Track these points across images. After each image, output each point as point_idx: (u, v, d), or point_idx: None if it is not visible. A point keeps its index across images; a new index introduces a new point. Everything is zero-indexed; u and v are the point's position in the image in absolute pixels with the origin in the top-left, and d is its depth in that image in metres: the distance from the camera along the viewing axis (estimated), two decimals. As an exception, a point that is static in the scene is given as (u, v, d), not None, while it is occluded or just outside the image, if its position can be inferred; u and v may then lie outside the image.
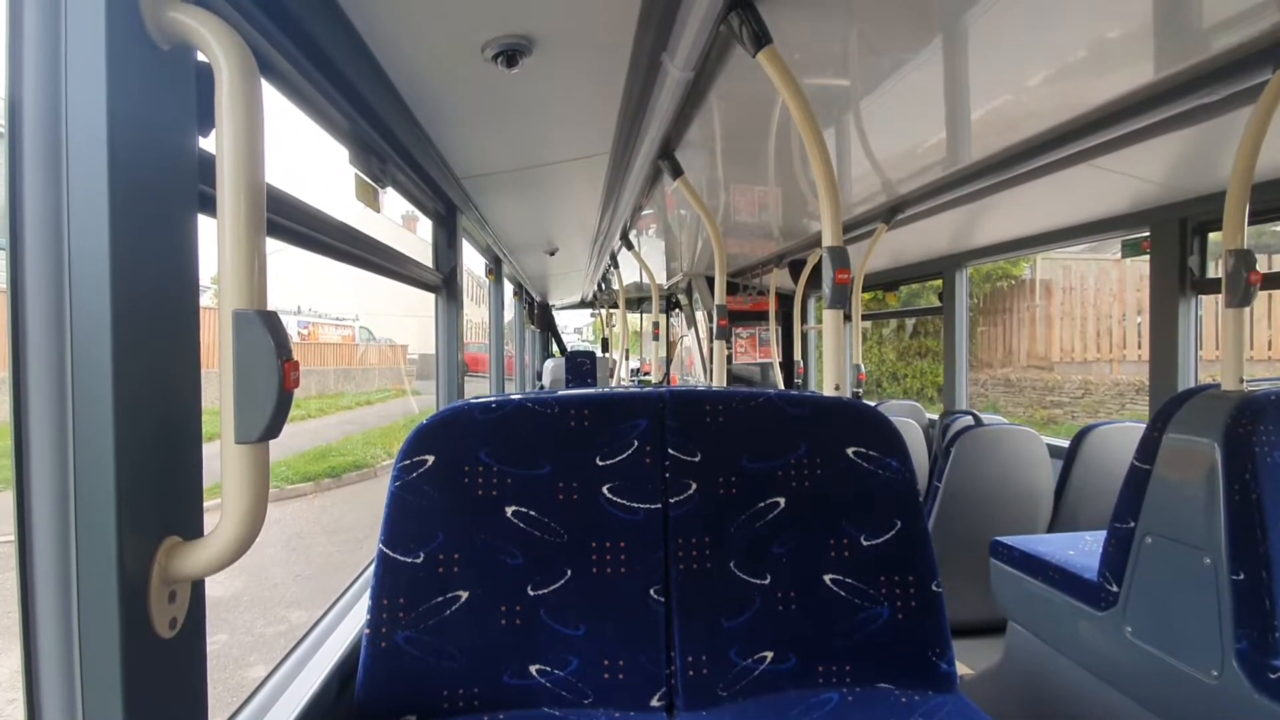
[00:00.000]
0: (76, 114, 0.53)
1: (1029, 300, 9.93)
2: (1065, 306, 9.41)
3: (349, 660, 1.07)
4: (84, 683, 0.54)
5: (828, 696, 0.99)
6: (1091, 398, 8.73)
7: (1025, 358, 10.00)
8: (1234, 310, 1.40)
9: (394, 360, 18.36)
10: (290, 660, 1.07)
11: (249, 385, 0.57)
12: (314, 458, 8.77)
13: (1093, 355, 9.04)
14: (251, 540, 0.59)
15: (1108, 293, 9.02)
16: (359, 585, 1.38)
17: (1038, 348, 9.81)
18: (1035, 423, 8.70)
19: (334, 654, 1.08)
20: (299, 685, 0.99)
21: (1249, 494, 1.27)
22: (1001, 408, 9.74)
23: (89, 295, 0.53)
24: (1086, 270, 9.19)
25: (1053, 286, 9.64)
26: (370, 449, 9.43)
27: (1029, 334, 9.97)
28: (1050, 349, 9.59)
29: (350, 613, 1.26)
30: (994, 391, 10.07)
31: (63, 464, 0.53)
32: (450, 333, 2.22)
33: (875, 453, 1.08)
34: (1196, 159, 1.95)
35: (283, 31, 0.91)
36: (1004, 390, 9.94)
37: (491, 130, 1.76)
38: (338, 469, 8.37)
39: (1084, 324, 9.15)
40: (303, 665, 1.05)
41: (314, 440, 9.74)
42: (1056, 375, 9.33)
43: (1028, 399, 9.57)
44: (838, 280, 1.19)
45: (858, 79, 1.51)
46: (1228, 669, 1.26)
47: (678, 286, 5.84)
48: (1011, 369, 10.05)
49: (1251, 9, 1.17)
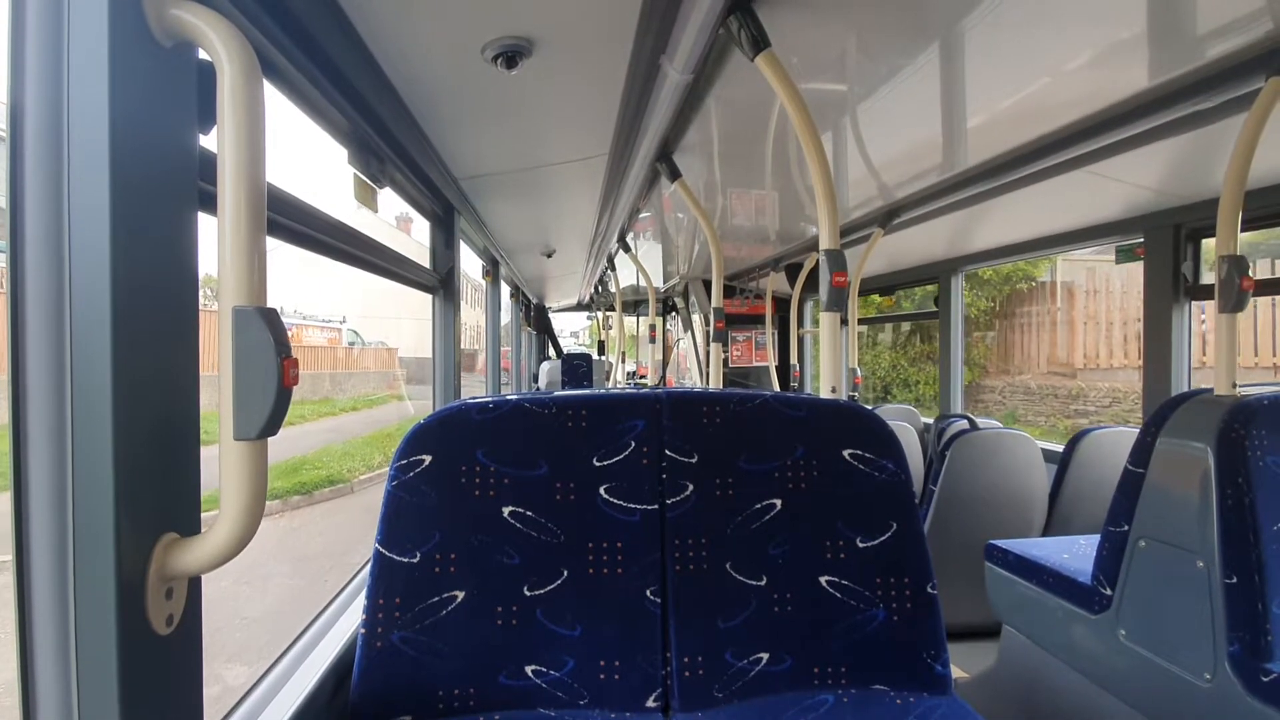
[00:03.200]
0: (78, 110, 0.53)
1: (1049, 303, 9.38)
2: (1089, 310, 8.91)
3: (344, 660, 1.07)
4: (80, 678, 0.53)
5: (823, 698, 1.00)
6: (1121, 406, 8.17)
7: (1045, 364, 9.36)
8: (1227, 315, 1.41)
9: (384, 364, 17.75)
10: (285, 660, 1.07)
11: (248, 382, 0.57)
12: (285, 471, 8.06)
13: (1119, 361, 8.43)
14: (249, 537, 0.59)
15: (1135, 295, 8.35)
16: (355, 585, 1.38)
17: (1059, 353, 9.21)
18: (1060, 433, 8.34)
19: (329, 654, 1.07)
20: (293, 685, 0.98)
21: (1242, 498, 1.28)
22: (1021, 416, 9.30)
23: (89, 290, 0.53)
24: (1112, 272, 8.67)
25: (1075, 289, 9.07)
26: (348, 462, 8.74)
27: (1050, 339, 9.37)
28: (1073, 354, 8.99)
29: (346, 612, 1.26)
30: (1013, 399, 9.54)
31: (61, 459, 0.53)
32: (447, 333, 2.22)
33: (871, 455, 1.09)
34: (1190, 165, 1.97)
35: (284, 30, 0.91)
36: (1024, 398, 9.39)
37: (490, 131, 1.76)
38: (309, 485, 7.72)
39: (1109, 329, 8.56)
40: (297, 665, 1.05)
41: (290, 450, 9.01)
42: (1080, 383, 8.71)
43: (1050, 407, 8.99)
44: (834, 283, 1.19)
45: (855, 84, 1.52)
46: (1221, 672, 1.26)
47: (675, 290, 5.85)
48: (1031, 375, 9.47)
49: (1245, 17, 1.18)
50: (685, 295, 5.48)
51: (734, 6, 1.10)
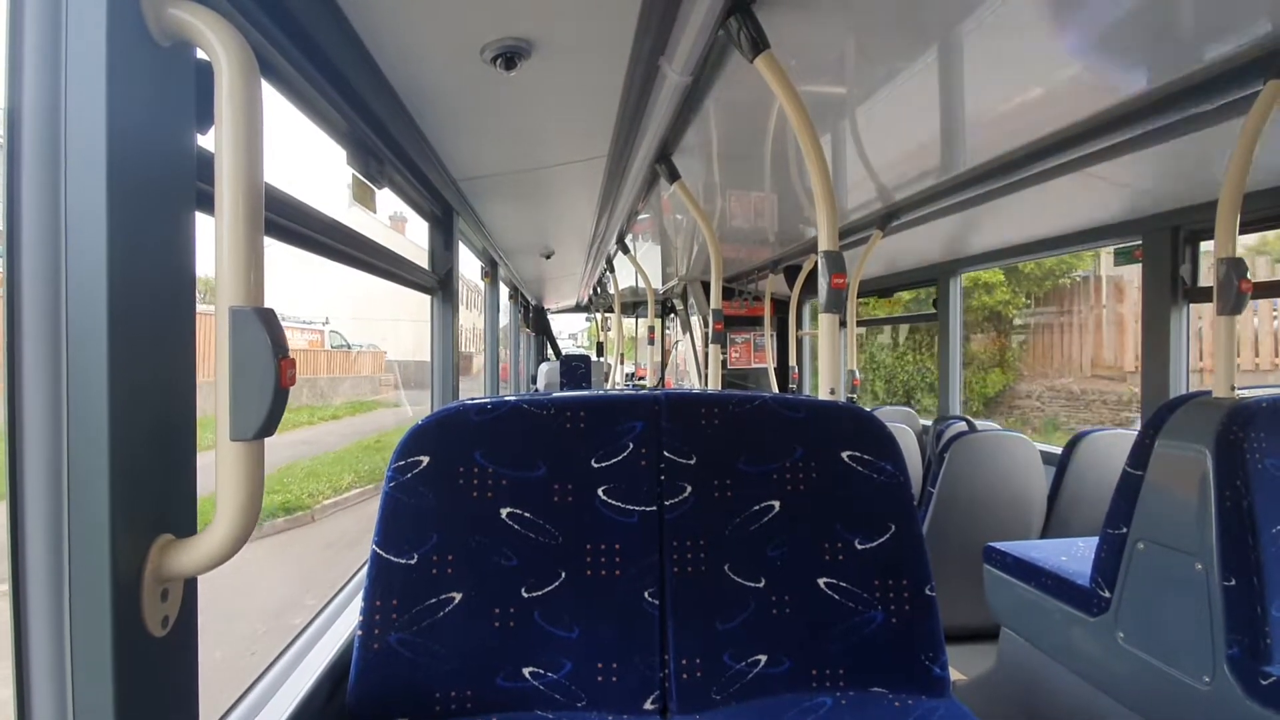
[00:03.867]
0: (75, 110, 0.53)
1: (1094, 300, 8.53)
2: (1140, 308, 7.99)
3: (341, 662, 1.07)
4: (75, 681, 0.53)
5: (821, 700, 0.99)
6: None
7: (1090, 366, 8.47)
8: (1225, 318, 1.41)
9: (370, 368, 16.60)
10: (281, 662, 1.06)
11: (245, 382, 0.57)
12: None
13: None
14: (245, 538, 0.59)
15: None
16: (351, 587, 1.37)
17: (1105, 354, 8.37)
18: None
19: (325, 656, 1.07)
20: (290, 687, 0.98)
21: (1240, 500, 1.28)
22: (1064, 424, 8.35)
23: (86, 290, 0.53)
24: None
25: (1124, 284, 8.14)
26: (313, 483, 7.52)
27: (1094, 339, 8.53)
28: (1123, 356, 8.08)
29: (343, 614, 1.26)
30: (1053, 405, 8.69)
31: (57, 459, 0.53)
32: (446, 334, 2.22)
33: (870, 456, 1.08)
34: (1188, 168, 1.97)
35: (283, 30, 0.91)
36: (1065, 404, 8.53)
37: (489, 132, 1.76)
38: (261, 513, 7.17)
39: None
40: (294, 667, 1.05)
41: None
42: (1131, 386, 7.79)
43: (1097, 415, 8.15)
44: (833, 285, 1.19)
45: (854, 86, 1.52)
46: (1219, 675, 1.26)
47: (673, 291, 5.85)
48: (1074, 379, 8.61)
49: (1243, 20, 1.19)
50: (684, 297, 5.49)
51: (733, 8, 1.10)
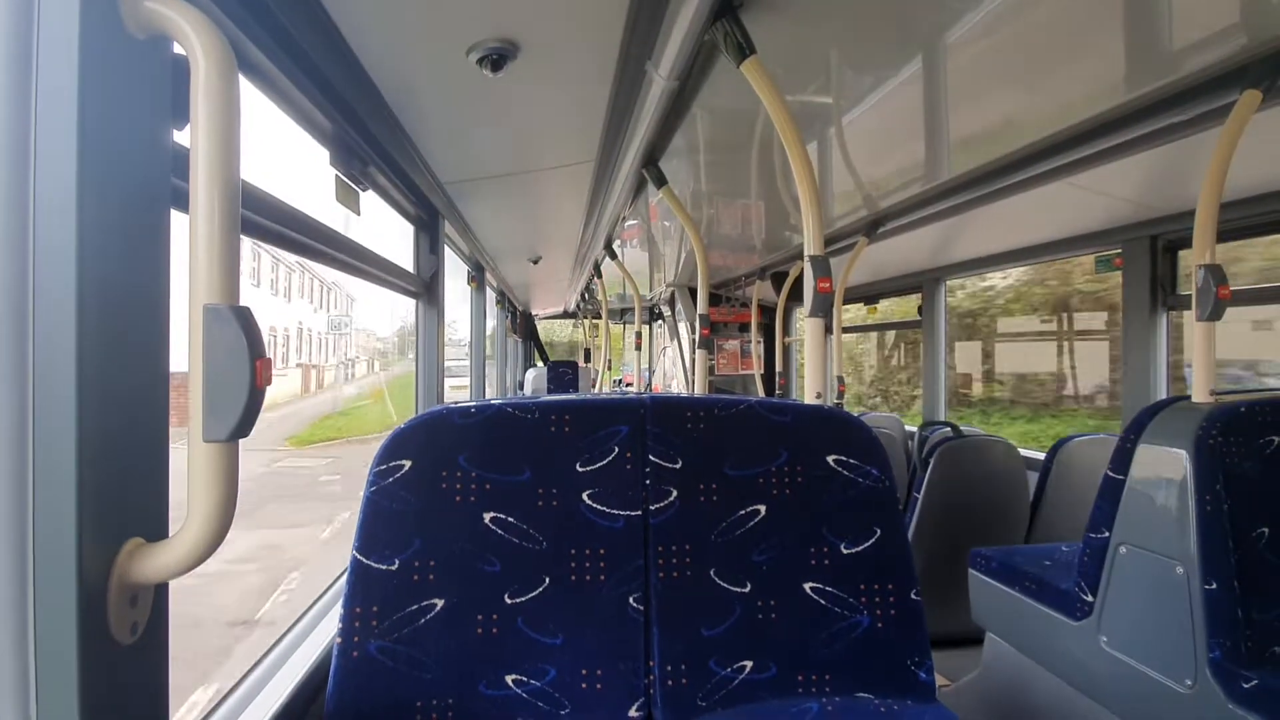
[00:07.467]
0: (47, 102, 0.52)
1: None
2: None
3: (318, 672, 1.04)
4: (39, 691, 0.51)
5: (807, 706, 0.99)
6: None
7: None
8: (1204, 324, 1.43)
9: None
10: (256, 672, 1.04)
11: (219, 382, 0.56)
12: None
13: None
14: (218, 542, 0.57)
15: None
16: (331, 594, 1.35)
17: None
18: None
19: (302, 665, 1.05)
20: (265, 698, 0.96)
21: (1220, 504, 1.29)
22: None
23: (53, 287, 0.51)
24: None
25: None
26: None
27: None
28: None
29: (321, 623, 1.23)
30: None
31: (21, 460, 0.51)
32: (431, 338, 2.20)
33: (855, 461, 1.08)
34: (1166, 178, 2.01)
35: (262, 26, 0.89)
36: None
37: (475, 135, 1.75)
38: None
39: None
40: (269, 677, 1.02)
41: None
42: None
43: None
44: (819, 289, 1.19)
45: (840, 93, 1.53)
46: (1202, 679, 1.27)
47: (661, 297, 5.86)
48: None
49: (1220, 31, 1.21)
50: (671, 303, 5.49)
51: (719, 13, 1.10)
